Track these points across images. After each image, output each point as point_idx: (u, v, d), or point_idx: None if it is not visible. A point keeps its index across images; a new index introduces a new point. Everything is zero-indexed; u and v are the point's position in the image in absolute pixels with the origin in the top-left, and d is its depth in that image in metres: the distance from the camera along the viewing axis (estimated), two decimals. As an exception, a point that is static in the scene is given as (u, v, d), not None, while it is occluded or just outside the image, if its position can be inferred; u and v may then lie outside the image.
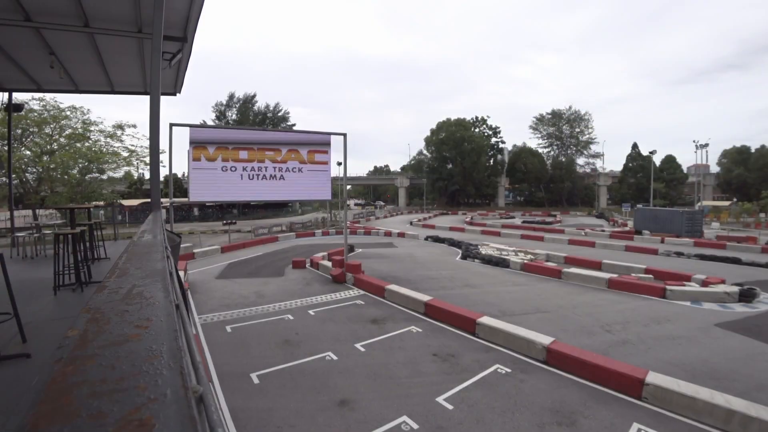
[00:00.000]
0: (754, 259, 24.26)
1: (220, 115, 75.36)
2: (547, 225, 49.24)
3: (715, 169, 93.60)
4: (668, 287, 15.47)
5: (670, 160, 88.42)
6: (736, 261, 23.62)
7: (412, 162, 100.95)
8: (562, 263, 22.12)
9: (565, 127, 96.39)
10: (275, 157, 15.46)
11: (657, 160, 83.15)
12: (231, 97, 75.75)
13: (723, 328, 11.92)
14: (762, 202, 67.11)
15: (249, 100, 76.73)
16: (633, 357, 9.57)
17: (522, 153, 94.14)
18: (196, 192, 14.57)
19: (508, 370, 8.67)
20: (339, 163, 51.87)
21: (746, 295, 15.10)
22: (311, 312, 13.13)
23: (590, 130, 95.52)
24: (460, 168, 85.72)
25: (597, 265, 20.99)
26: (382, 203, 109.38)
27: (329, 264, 19.17)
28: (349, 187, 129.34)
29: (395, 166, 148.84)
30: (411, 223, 51.94)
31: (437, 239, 32.66)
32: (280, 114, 78.65)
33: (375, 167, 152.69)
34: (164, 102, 7.76)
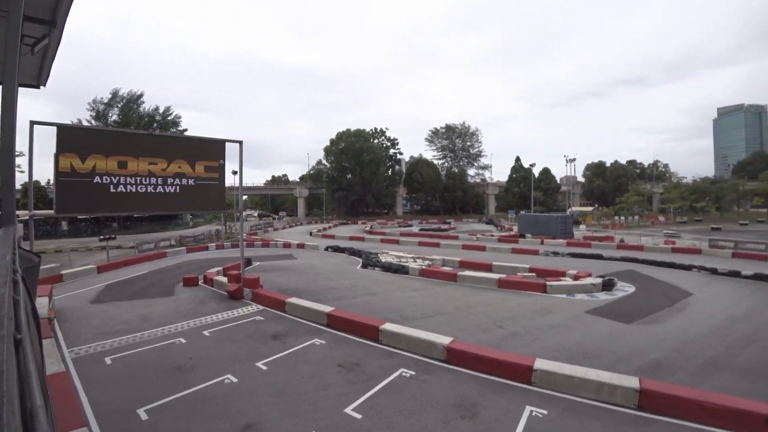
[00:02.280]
0: (612, 254, 29.46)
1: (98, 115, 64.00)
2: (442, 232, 53.05)
3: (581, 179, 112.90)
4: (548, 283, 17.89)
5: (546, 172, 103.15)
6: (598, 257, 28.26)
7: (312, 172, 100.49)
8: (457, 267, 23.95)
9: (457, 141, 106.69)
10: (163, 165, 14.05)
11: (536, 171, 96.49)
12: (113, 95, 65.11)
13: (591, 314, 14.15)
14: (616, 207, 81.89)
15: (134, 100, 66.79)
16: (522, 347, 10.80)
17: (419, 164, 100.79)
18: (63, 204, 12.55)
19: (412, 373, 9.10)
20: (234, 172, 49.27)
21: (608, 285, 18.22)
22: (206, 333, 12.17)
23: (480, 144, 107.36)
24: (359, 178, 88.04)
25: (488, 267, 23.21)
26: (284, 214, 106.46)
27: (225, 279, 18.12)
28: (245, 197, 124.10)
29: (294, 176, 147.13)
30: (311, 234, 51.63)
31: (338, 249, 32.91)
32: (170, 118, 70.08)
33: (273, 177, 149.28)
34: (24, 95, 6.57)
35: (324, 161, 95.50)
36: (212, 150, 15.37)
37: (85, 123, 59.73)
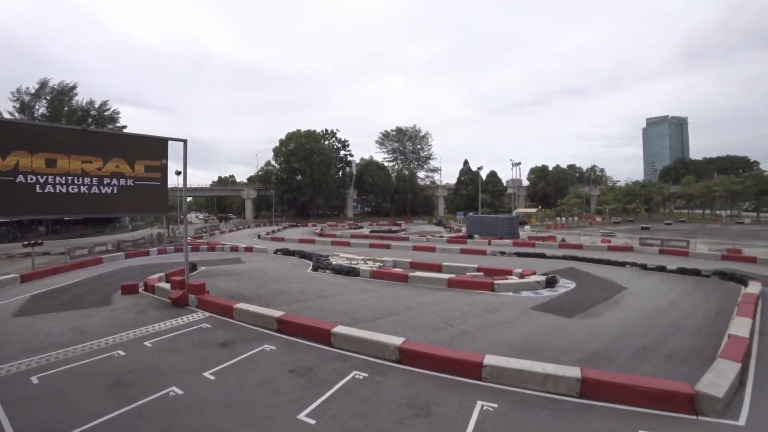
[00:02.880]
0: (554, 253, 31.22)
1: (23, 107, 57.69)
2: (393, 233, 53.57)
3: (526, 182, 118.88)
4: (495, 282, 18.63)
5: (493, 175, 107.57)
6: (542, 256, 29.81)
7: (260, 173, 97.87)
8: (408, 268, 24.33)
9: (408, 143, 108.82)
10: (98, 164, 12.99)
11: (483, 174, 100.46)
12: (42, 85, 58.48)
13: (536, 310, 14.92)
14: (558, 208, 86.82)
15: (66, 92, 60.31)
16: (472, 344, 11.17)
17: (369, 166, 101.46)
18: (-21, 207, 11.28)
19: (366, 375, 9.13)
20: (178, 173, 46.83)
21: (551, 282, 19.29)
22: (148, 344, 11.44)
23: (430, 147, 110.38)
24: (309, 179, 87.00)
25: (438, 268, 23.78)
26: (231, 216, 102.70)
27: (168, 286, 17.18)
28: (190, 199, 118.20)
29: (242, 177, 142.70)
30: (259, 237, 50.28)
31: (287, 252, 32.32)
32: (107, 113, 64.13)
33: (220, 178, 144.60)
34: None
35: (273, 162, 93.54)
36: (154, 149, 14.50)
37: (6, 115, 54.13)
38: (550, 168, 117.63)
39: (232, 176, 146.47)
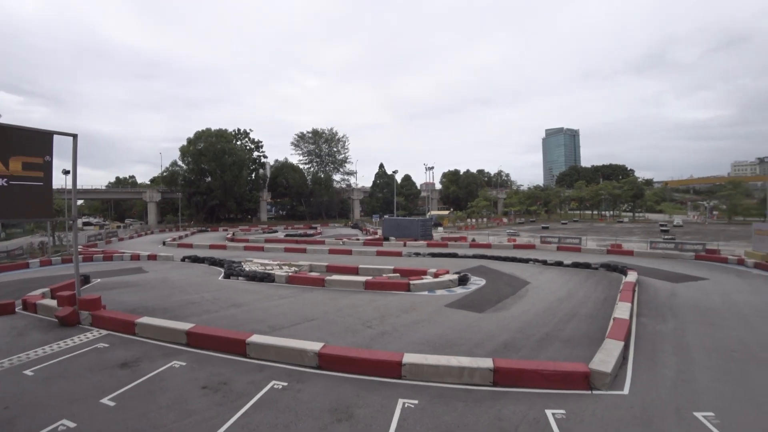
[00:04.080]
0: (466, 252, 33.22)
1: None
2: (309, 237, 52.90)
3: (439, 186, 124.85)
4: (411, 282, 19.33)
5: (407, 179, 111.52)
6: (454, 255, 31.56)
7: (165, 174, 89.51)
8: (325, 272, 24.22)
9: (324, 146, 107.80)
10: None
11: (398, 178, 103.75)
12: None
13: (450, 308, 15.75)
14: (468, 210, 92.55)
15: None
16: (391, 344, 11.45)
17: (284, 168, 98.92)
18: None
19: (285, 384, 8.88)
20: (66, 172, 41.65)
21: (463, 280, 20.51)
22: (29, 372, 9.78)
23: (346, 150, 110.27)
24: (220, 181, 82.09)
25: (355, 271, 23.99)
26: (132, 221, 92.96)
27: (53, 303, 14.87)
28: (81, 202, 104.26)
29: (144, 178, 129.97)
30: (164, 243, 46.37)
31: (196, 259, 30.18)
32: None
33: (118, 179, 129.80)
34: None
35: (180, 162, 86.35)
36: (35, 143, 12.60)
37: None
38: (462, 172, 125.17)
39: (133, 177, 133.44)
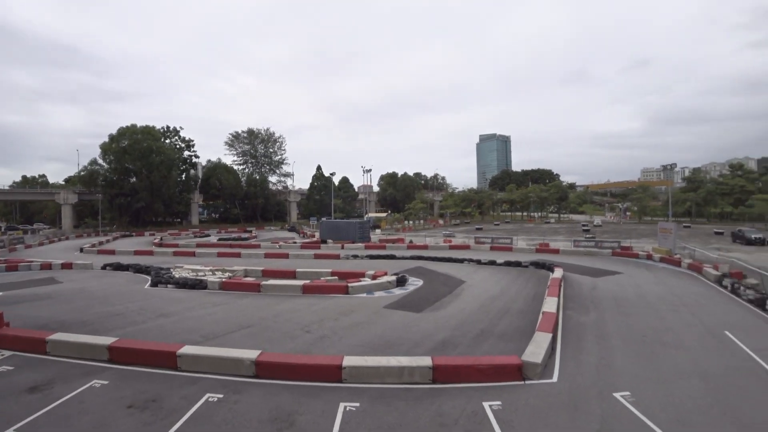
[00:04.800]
0: (403, 254, 33.81)
1: None
2: (243, 241, 51.02)
3: (376, 188, 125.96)
4: (349, 284, 19.34)
5: (345, 181, 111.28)
6: (392, 257, 32.00)
7: (83, 173, 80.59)
8: (261, 277, 23.48)
9: (260, 146, 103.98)
10: None
11: (336, 180, 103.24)
12: None
13: (389, 308, 15.97)
14: (406, 212, 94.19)
15: None
16: (330, 348, 11.37)
17: (217, 169, 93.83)
18: None
19: (220, 396, 8.46)
20: None
21: (401, 281, 20.87)
22: None
23: (283, 151, 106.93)
24: (146, 182, 75.70)
25: (292, 275, 23.53)
26: (42, 226, 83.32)
27: None
28: None
29: (58, 178, 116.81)
30: (82, 250, 42.02)
31: (119, 266, 27.73)
32: None
33: (26, 178, 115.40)
34: None
35: (101, 161, 78.14)
36: None
37: None
38: (399, 175, 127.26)
39: (44, 176, 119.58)
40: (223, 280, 20.76)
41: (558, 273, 21.35)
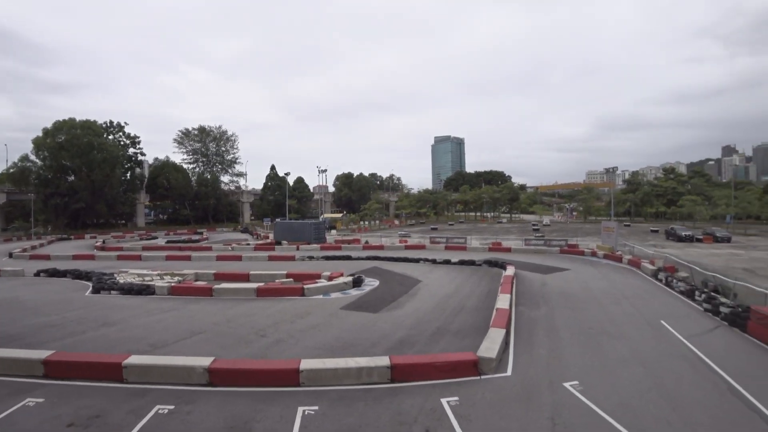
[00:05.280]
0: (359, 254, 33.82)
1: None
2: (194, 243, 48.96)
3: (332, 189, 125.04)
4: (305, 286, 19.11)
5: (300, 181, 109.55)
6: (348, 258, 31.92)
7: (12, 170, 73.52)
8: (213, 280, 22.69)
9: (212, 145, 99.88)
10: None
11: (291, 180, 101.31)
12: None
13: (346, 309, 15.94)
14: (362, 213, 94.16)
15: None
16: (287, 352, 11.19)
17: (165, 167, 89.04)
18: None
19: (172, 408, 8.05)
20: None
21: (357, 282, 20.88)
22: None
23: (236, 150, 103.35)
24: (86, 181, 70.11)
25: (245, 277, 22.91)
26: None
27: None
28: None
29: None
30: (11, 255, 38.48)
31: (56, 273, 25.64)
32: None
33: None
34: None
35: (33, 157, 71.80)
36: None
37: None
38: (355, 176, 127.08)
39: None
40: (173, 284, 19.84)
41: (510, 271, 22.12)
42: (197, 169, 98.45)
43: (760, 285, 16.30)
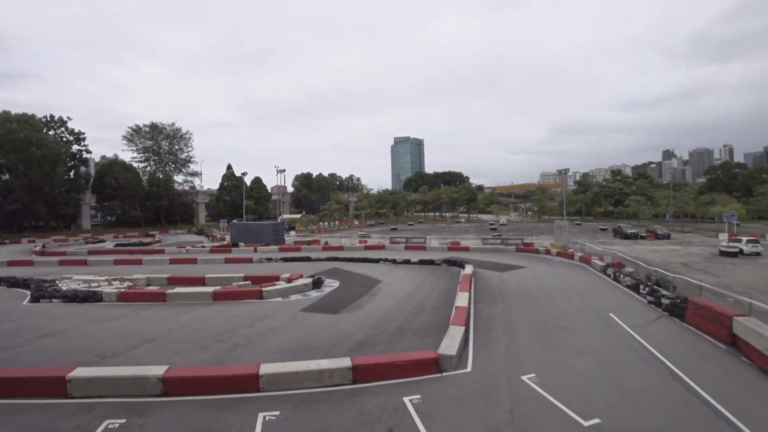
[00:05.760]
0: (319, 255, 33.52)
1: None
2: (145, 246, 46.75)
3: (291, 189, 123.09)
4: (264, 289, 18.76)
5: (258, 181, 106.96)
6: (308, 259, 31.58)
7: None
8: (166, 285, 21.79)
9: (164, 143, 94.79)
10: None
11: (248, 180, 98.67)
12: None
13: (306, 312, 15.77)
14: (321, 213, 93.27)
15: None
16: (246, 357, 10.92)
17: (113, 166, 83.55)
18: None
19: (123, 421, 7.60)
20: None
21: (317, 284, 20.71)
22: None
23: (190, 149, 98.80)
24: (24, 180, 64.56)
25: (201, 281, 22.18)
26: None
27: None
28: None
29: None
30: None
31: None
32: None
33: None
34: None
35: None
36: None
37: None
38: (314, 176, 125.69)
39: None
40: (122, 290, 18.85)
41: (469, 269, 22.64)
42: (149, 168, 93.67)
43: (695, 278, 17.67)
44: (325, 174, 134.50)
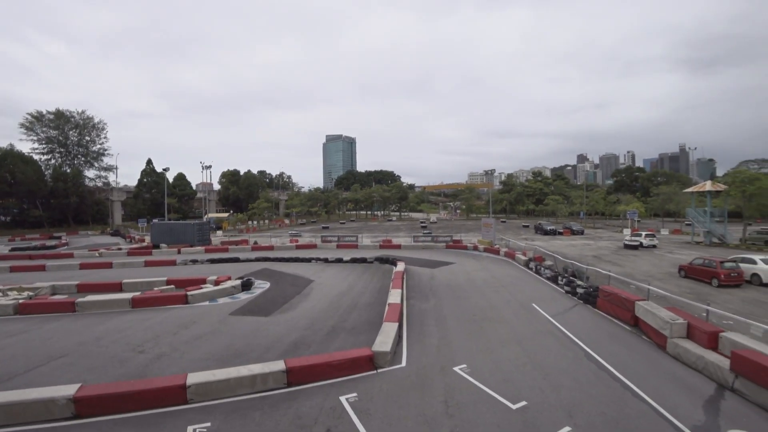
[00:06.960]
0: (248, 256, 32.43)
1: None
2: (49, 250, 42.08)
3: (217, 186, 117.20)
4: (189, 293, 17.75)
5: (181, 178, 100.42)
6: (236, 260, 30.42)
7: None
8: (76, 293, 19.82)
9: (72, 133, 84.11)
10: None
11: (171, 176, 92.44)
12: None
13: (235, 315, 15.18)
14: (250, 212, 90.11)
15: None
16: (171, 367, 10.24)
17: (8, 158, 72.90)
18: None
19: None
20: None
21: (246, 285, 20.03)
22: None
23: (105, 140, 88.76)
24: None
25: (117, 287, 20.49)
26: None
27: None
28: None
29: None
30: None
31: None
32: None
33: None
34: None
35: None
36: None
37: None
38: (243, 173, 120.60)
39: None
40: (21, 301, 16.81)
41: (401, 266, 23.07)
42: (53, 161, 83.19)
43: (605, 268, 19.58)
44: (255, 171, 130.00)
